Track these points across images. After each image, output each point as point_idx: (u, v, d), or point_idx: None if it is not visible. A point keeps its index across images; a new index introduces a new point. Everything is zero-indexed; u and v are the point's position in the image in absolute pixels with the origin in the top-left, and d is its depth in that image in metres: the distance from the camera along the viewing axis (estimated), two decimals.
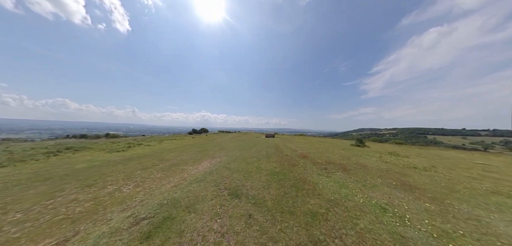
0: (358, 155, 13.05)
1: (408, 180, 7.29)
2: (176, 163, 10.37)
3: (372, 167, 9.31)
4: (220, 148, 16.40)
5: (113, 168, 9.24)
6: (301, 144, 18.86)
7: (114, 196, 5.80)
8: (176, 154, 13.87)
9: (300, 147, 16.70)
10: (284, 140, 23.25)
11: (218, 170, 8.27)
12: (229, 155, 12.65)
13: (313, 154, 12.68)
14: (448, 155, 14.78)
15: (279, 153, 13.00)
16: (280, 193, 5.56)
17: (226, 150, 15.18)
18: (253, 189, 5.90)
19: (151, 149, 17.62)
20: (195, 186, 6.18)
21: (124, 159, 11.69)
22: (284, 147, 15.86)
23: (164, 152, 14.71)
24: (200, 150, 15.76)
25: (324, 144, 20.44)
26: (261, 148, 15.23)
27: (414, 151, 17.52)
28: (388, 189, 6.15)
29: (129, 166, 9.93)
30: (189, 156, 12.76)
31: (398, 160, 11.84)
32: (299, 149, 15.23)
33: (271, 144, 18.00)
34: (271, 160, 10.55)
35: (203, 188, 6.01)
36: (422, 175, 8.28)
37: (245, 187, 6.02)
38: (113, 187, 6.69)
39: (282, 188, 5.95)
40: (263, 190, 5.76)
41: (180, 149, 16.96)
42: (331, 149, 16.10)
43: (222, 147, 17.24)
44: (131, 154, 13.95)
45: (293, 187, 6.05)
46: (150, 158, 12.15)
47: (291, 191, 5.68)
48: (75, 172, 8.57)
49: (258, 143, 19.18)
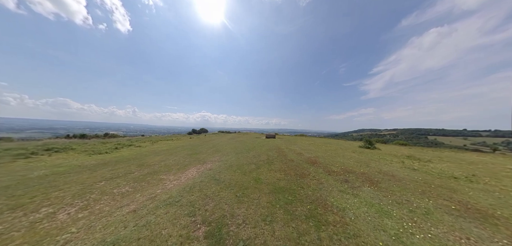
0: (375, 160, 10.93)
1: (465, 200, 5.14)
2: (156, 171, 8.27)
3: (403, 178, 7.17)
4: (215, 150, 14.31)
5: (73, 178, 7.13)
6: (306, 146, 16.76)
7: (34, 230, 3.71)
8: (162, 157, 11.78)
9: (305, 149, 14.58)
10: (286, 141, 21.15)
11: (203, 184, 6.14)
12: (223, 159, 10.53)
13: (323, 159, 10.53)
14: (468, 158, 12.64)
15: (282, 157, 10.86)
16: (291, 233, 3.40)
17: (221, 153, 13.09)
18: (247, 224, 3.74)
19: (138, 151, 15.55)
20: (161, 214, 4.05)
21: (98, 164, 9.61)
22: (287, 150, 13.75)
23: (150, 155, 12.63)
24: (192, 152, 13.68)
25: (330, 145, 18.32)
26: (261, 151, 13.11)
27: (432, 154, 15.36)
28: (452, 220, 3.96)
29: (97, 174, 7.84)
30: (176, 160, 10.66)
31: (425, 166, 9.70)
32: (305, 152, 13.10)
33: (272, 146, 15.92)
34: (273, 167, 8.42)
35: (171, 219, 3.90)
36: (472, 188, 6.13)
37: (234, 220, 3.86)
38: (48, 210, 4.58)
39: (292, 222, 3.79)
40: (263, 228, 3.60)
41: (170, 151, 14.88)
42: (341, 152, 13.98)
43: (218, 149, 15.14)
44: (112, 158, 11.88)
45: (310, 219, 3.88)
46: (129, 163, 10.07)
47: (309, 229, 3.54)
48: (22, 182, 6.47)
49: (257, 145, 17.10)
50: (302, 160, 10.10)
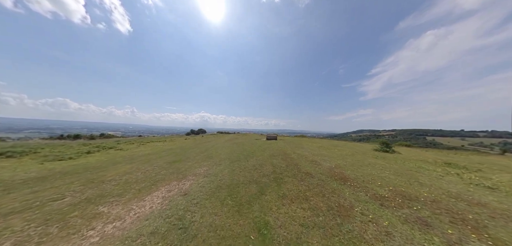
0: (417, 172, 7.93)
1: None
2: (102, 194, 5.10)
3: (494, 208, 4.30)
4: (205, 156, 11.25)
5: None
6: (315, 150, 13.79)
7: None
8: (133, 166, 8.67)
9: (317, 154, 11.55)
10: (290, 143, 18.18)
11: (153, 241, 3.14)
12: (211, 173, 7.39)
13: (351, 171, 7.42)
14: (499, 162, 9.89)
15: (293, 169, 7.70)
16: None
17: (213, 160, 10.05)
18: None
19: (112, 156, 12.40)
20: None
21: (38, 178, 6.47)
22: (296, 156, 10.70)
23: (119, 164, 9.53)
24: (176, 159, 10.59)
25: (342, 148, 15.36)
26: (264, 158, 10.01)
27: (468, 160, 12.58)
28: None
29: (8, 198, 4.81)
30: (147, 173, 7.50)
31: (486, 179, 6.85)
32: (320, 159, 10.03)
33: (276, 150, 12.93)
34: (286, 191, 5.29)
35: None
36: None
37: None
38: None
39: None
40: None
41: (150, 156, 11.75)
42: (361, 158, 11.00)
43: (209, 154, 12.07)
44: (69, 166, 8.76)
45: None
46: (80, 176, 6.94)
47: None
48: None
49: (258, 149, 14.10)
50: (324, 174, 6.92)
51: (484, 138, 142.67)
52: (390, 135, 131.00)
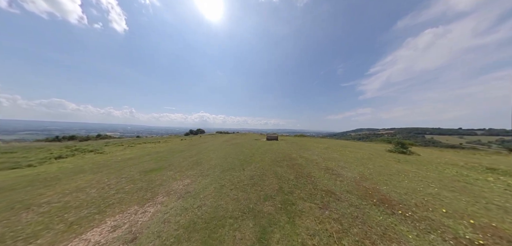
0: (475, 185, 5.83)
1: None
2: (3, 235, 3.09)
3: None
4: (193, 163, 9.11)
5: None
6: (324, 153, 11.71)
7: None
8: (90, 180, 6.45)
9: (329, 159, 9.37)
10: (293, 144, 16.12)
11: None
12: (192, 190, 5.22)
13: (386, 187, 5.28)
14: None
15: (307, 182, 5.55)
16: None
17: (201, 167, 7.88)
18: None
19: (80, 162, 10.19)
20: None
21: None
22: (304, 161, 8.56)
23: (80, 174, 7.36)
24: (154, 167, 8.41)
25: (355, 151, 13.26)
26: (265, 165, 7.84)
27: (499, 161, 10.64)
28: None
29: None
30: (103, 192, 5.22)
31: None
32: (335, 165, 7.81)
33: (279, 154, 10.86)
34: (303, 229, 3.12)
35: None
36: None
37: None
38: None
39: None
40: None
41: (124, 164, 9.52)
42: (384, 164, 8.87)
43: (199, 160, 9.91)
44: (4, 179, 6.65)
45: None
46: (12, 195, 4.86)
47: None
48: None
49: (258, 151, 12.01)
50: (353, 193, 4.72)
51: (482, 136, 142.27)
52: (389, 134, 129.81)
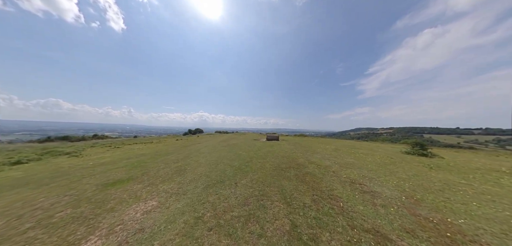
0: None
1: None
2: None
3: None
4: (174, 171, 7.04)
5: None
6: (336, 156, 9.76)
7: None
8: (13, 201, 4.42)
9: (345, 165, 7.24)
10: (297, 146, 14.21)
11: None
12: (151, 226, 3.23)
13: (452, 214, 3.38)
14: None
15: (335, 212, 3.56)
16: None
17: (182, 178, 5.77)
18: None
19: (34, 170, 8.18)
20: None
21: None
22: (316, 169, 6.47)
23: (15, 188, 5.34)
24: (122, 178, 6.29)
25: (370, 154, 11.32)
26: (265, 177, 5.84)
27: None
28: None
29: None
30: (13, 225, 3.37)
31: None
32: (357, 175, 5.79)
33: (282, 159, 8.83)
34: None
35: None
36: None
37: None
38: None
39: None
40: None
41: (86, 172, 7.44)
42: (417, 171, 7.06)
43: (184, 166, 7.88)
44: None
45: None
46: None
47: None
48: None
49: (257, 155, 10.05)
50: (421, 235, 2.77)
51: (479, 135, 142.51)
52: (388, 133, 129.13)
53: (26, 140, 43.55)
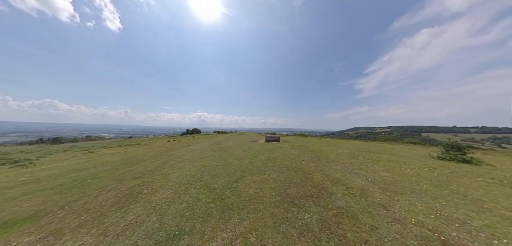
0: None
1: None
2: None
3: None
4: (116, 202, 4.14)
5: None
6: (363, 168, 6.99)
7: None
8: None
9: (385, 184, 4.54)
10: (302, 149, 11.58)
11: None
12: None
13: None
14: None
15: None
16: None
17: (114, 219, 3.19)
18: None
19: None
20: None
21: None
22: (348, 198, 3.78)
23: None
24: (32, 214, 3.58)
25: (407, 163, 8.73)
26: (265, 230, 3.11)
27: None
28: None
29: None
30: None
31: None
32: (411, 206, 3.20)
33: (289, 173, 6.10)
34: None
35: None
36: None
37: None
38: None
39: None
40: None
41: (7, 192, 4.82)
42: (472, 187, 4.63)
43: (138, 188, 5.06)
44: None
45: None
46: None
47: None
48: None
49: (252, 164, 7.36)
50: None
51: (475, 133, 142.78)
52: (387, 132, 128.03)
53: (20, 142, 40.42)
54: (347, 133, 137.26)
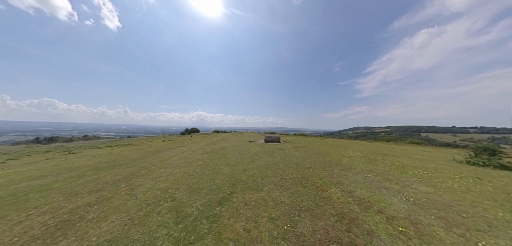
0: None
1: None
2: None
3: None
4: (35, 238, 2.89)
5: None
6: (390, 180, 5.45)
7: None
8: None
9: (418, 202, 3.05)
10: (309, 153, 9.98)
11: None
12: None
13: None
14: None
15: None
16: None
17: None
18: None
19: None
20: None
21: None
22: (383, 232, 2.54)
23: None
24: None
25: (434, 170, 7.15)
26: None
27: None
28: None
29: None
30: None
31: None
32: None
33: (298, 197, 4.57)
34: None
35: None
36: None
37: None
38: None
39: None
40: None
41: None
42: None
43: (84, 212, 3.47)
44: None
45: None
46: None
47: None
48: None
49: (245, 174, 5.78)
50: None
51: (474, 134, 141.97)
52: (386, 132, 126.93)
53: (17, 141, 38.92)
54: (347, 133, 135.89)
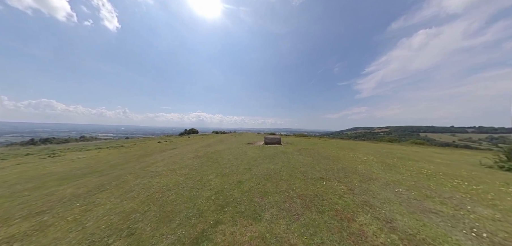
0: None
1: None
2: None
3: None
4: None
5: None
6: (428, 196, 4.38)
7: None
8: None
9: None
10: (315, 156, 8.70)
11: None
12: None
13: None
14: None
15: None
16: None
17: None
18: None
19: None
20: None
21: None
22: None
23: None
24: None
25: (467, 179, 5.97)
26: None
27: None
28: None
29: None
30: None
31: None
32: None
33: (308, 218, 3.34)
34: None
35: None
36: None
37: None
38: None
39: None
40: None
41: None
42: None
43: None
44: None
45: None
46: None
47: None
48: None
49: (240, 188, 4.62)
50: None
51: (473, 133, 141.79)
52: (385, 132, 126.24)
53: (13, 142, 37.58)
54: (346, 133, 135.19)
